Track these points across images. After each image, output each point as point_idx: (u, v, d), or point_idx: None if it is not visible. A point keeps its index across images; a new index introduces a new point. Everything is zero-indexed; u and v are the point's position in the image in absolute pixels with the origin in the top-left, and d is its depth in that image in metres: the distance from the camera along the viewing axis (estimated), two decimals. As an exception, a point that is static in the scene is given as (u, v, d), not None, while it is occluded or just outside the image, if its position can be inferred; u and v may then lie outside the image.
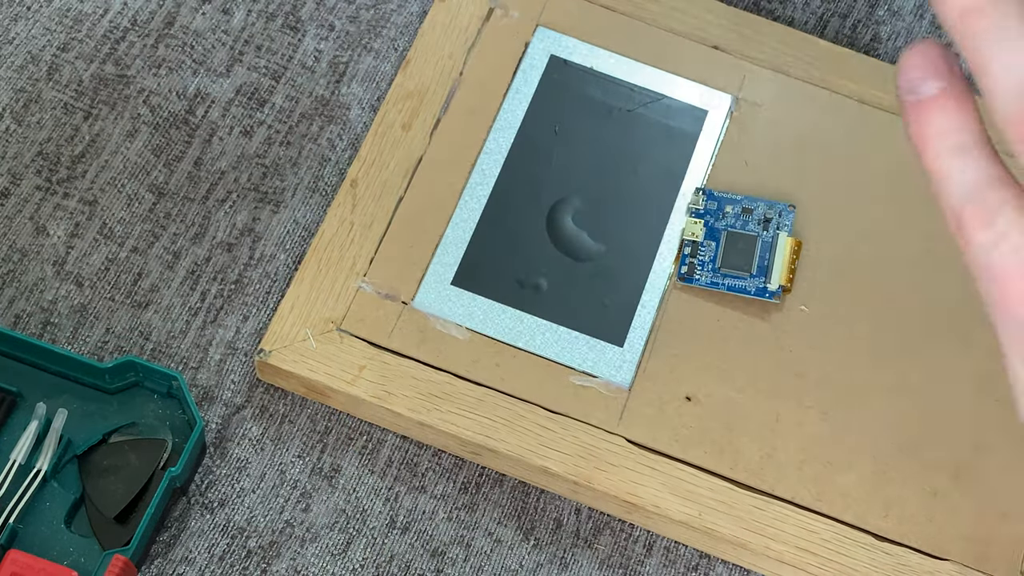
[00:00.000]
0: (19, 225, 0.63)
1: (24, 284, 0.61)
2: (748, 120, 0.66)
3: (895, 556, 0.58)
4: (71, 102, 0.65)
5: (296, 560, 0.57)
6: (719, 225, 0.63)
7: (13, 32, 0.67)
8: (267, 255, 0.63)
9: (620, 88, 0.66)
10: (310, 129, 0.66)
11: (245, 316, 0.62)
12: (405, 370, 0.59)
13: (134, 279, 0.62)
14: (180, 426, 0.58)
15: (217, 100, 0.66)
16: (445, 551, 0.58)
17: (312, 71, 0.67)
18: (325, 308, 0.60)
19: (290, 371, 0.59)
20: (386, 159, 0.64)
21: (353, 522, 0.58)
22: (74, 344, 0.60)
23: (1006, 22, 0.35)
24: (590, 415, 0.59)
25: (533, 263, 0.62)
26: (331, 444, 0.60)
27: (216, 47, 0.67)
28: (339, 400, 0.59)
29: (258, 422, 0.60)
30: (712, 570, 0.59)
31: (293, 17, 0.69)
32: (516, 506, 0.59)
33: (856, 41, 0.71)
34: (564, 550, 0.59)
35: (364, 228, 0.62)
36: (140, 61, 0.66)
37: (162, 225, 0.63)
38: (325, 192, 0.64)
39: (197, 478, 0.58)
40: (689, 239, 0.62)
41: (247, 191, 0.64)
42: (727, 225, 0.63)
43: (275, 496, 0.58)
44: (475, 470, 0.60)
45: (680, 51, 0.67)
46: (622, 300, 0.61)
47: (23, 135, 0.64)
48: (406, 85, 0.65)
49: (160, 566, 0.57)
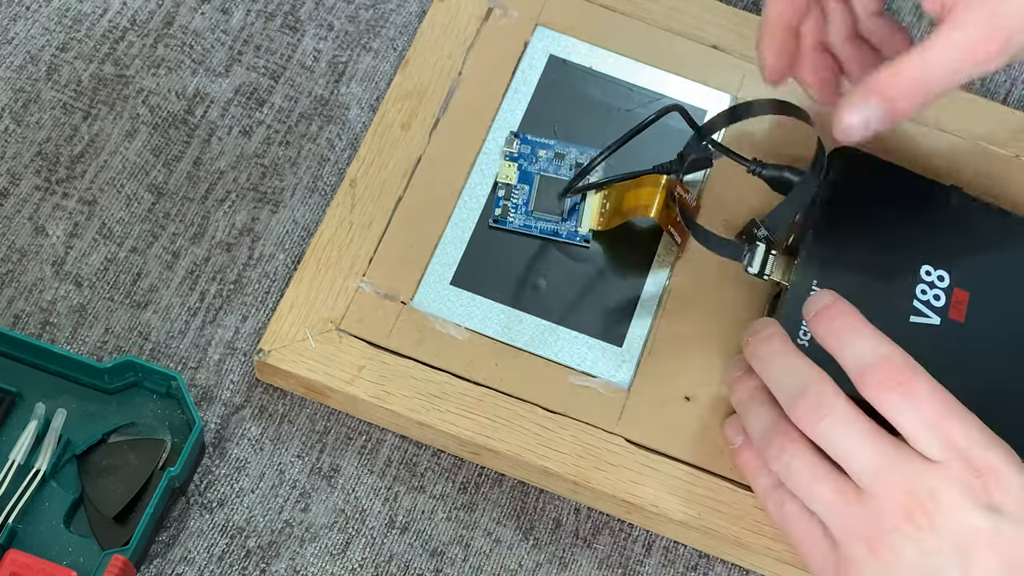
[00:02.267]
0: (18, 225, 0.63)
1: (23, 284, 0.61)
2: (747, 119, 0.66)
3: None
4: (70, 102, 0.65)
5: (295, 560, 0.57)
6: (532, 169, 0.63)
7: (12, 32, 0.67)
8: (266, 255, 0.63)
9: (619, 88, 0.66)
10: (309, 129, 0.66)
11: (244, 316, 0.62)
12: (404, 370, 0.59)
13: (133, 279, 0.62)
14: (179, 426, 0.58)
15: (216, 100, 0.66)
16: (444, 551, 0.58)
17: (311, 71, 0.67)
18: (324, 308, 0.60)
19: (289, 371, 0.59)
20: (385, 159, 0.64)
21: (352, 522, 0.58)
22: (73, 344, 0.60)
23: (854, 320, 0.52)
24: (589, 415, 0.59)
25: (532, 263, 0.62)
26: (330, 444, 0.60)
27: (215, 47, 0.67)
28: (338, 400, 0.59)
29: (257, 422, 0.60)
30: (711, 570, 0.59)
31: (292, 17, 0.69)
32: (515, 506, 0.59)
33: (855, 41, 0.71)
34: (563, 550, 0.59)
35: (363, 228, 0.62)
36: (139, 61, 0.66)
37: (161, 225, 0.63)
38: (324, 192, 0.64)
39: (196, 478, 0.58)
40: (503, 182, 0.63)
41: (246, 191, 0.64)
42: (540, 169, 0.63)
43: (274, 496, 0.58)
44: (474, 470, 0.60)
45: (679, 51, 0.67)
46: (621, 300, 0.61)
47: (22, 135, 0.64)
48: (405, 85, 0.65)
49: (159, 566, 0.57)
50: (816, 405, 0.51)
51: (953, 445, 0.49)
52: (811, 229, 0.58)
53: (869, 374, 0.50)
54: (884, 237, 0.58)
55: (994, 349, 0.56)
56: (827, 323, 0.53)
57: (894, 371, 0.50)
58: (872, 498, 0.50)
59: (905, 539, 0.49)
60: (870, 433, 0.50)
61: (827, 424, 0.51)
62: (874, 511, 0.50)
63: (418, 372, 0.59)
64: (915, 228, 0.58)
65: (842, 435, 0.51)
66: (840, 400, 0.51)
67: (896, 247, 0.58)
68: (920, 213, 0.58)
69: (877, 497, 0.50)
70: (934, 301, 0.56)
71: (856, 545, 0.50)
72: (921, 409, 0.50)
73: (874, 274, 0.57)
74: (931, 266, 0.57)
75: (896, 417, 0.50)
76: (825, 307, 0.53)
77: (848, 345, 0.52)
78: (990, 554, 0.48)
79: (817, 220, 0.58)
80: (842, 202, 0.58)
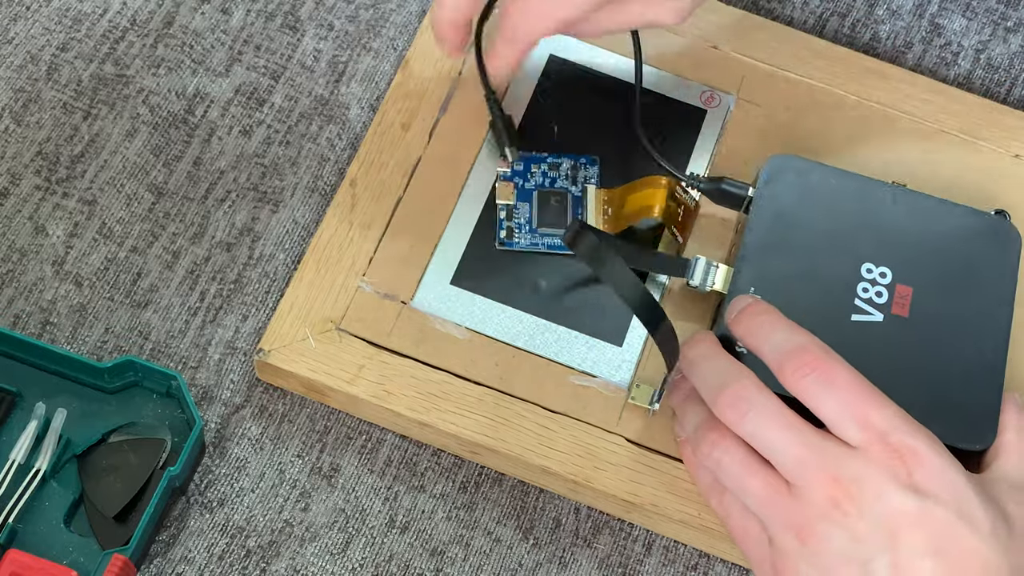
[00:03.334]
0: (18, 225, 0.63)
1: (23, 284, 0.61)
2: (747, 119, 0.66)
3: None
4: (70, 102, 0.65)
5: (295, 560, 0.57)
6: (529, 186, 0.63)
7: (12, 32, 0.67)
8: (266, 255, 0.63)
9: (619, 87, 0.66)
10: (309, 129, 0.66)
11: (244, 316, 0.62)
12: (404, 369, 0.59)
13: (133, 279, 0.62)
14: (179, 426, 0.58)
15: (216, 100, 0.66)
16: (444, 550, 0.58)
17: (311, 71, 0.67)
18: (324, 308, 0.60)
19: (289, 371, 0.59)
20: (385, 159, 0.64)
21: (352, 521, 0.58)
22: (73, 344, 0.60)
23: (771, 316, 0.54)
24: (589, 414, 0.59)
25: (532, 263, 0.62)
26: (330, 443, 0.60)
27: (215, 47, 0.67)
28: (338, 399, 0.59)
29: (257, 422, 0.60)
30: (711, 569, 0.59)
31: (292, 17, 0.69)
32: (515, 505, 0.59)
33: (855, 40, 0.71)
34: (563, 549, 0.59)
35: (363, 228, 0.62)
36: (139, 61, 0.67)
37: (161, 225, 0.63)
38: (324, 192, 0.65)
39: (196, 477, 0.58)
40: (503, 203, 0.63)
41: (246, 191, 0.64)
42: (536, 185, 0.63)
43: (274, 495, 0.58)
44: (474, 469, 0.60)
45: (680, 50, 0.67)
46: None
47: (22, 135, 0.64)
48: (405, 85, 0.65)
49: (159, 565, 0.57)
50: (738, 399, 0.52)
51: (873, 429, 0.50)
52: (747, 237, 0.59)
53: (786, 363, 0.52)
54: (822, 239, 0.59)
55: (940, 339, 0.57)
56: (746, 322, 0.54)
57: (810, 358, 0.51)
58: (799, 489, 0.50)
59: (833, 526, 0.50)
60: (793, 425, 0.51)
61: (751, 419, 0.51)
62: (802, 502, 0.50)
63: (418, 372, 0.59)
64: (854, 227, 0.59)
65: (766, 428, 0.51)
66: (762, 395, 0.52)
67: (835, 248, 0.58)
68: (859, 212, 0.59)
69: (804, 488, 0.50)
70: (876, 298, 0.57)
71: (787, 537, 0.51)
72: (839, 395, 0.51)
73: (813, 276, 0.58)
74: (872, 263, 0.58)
75: (816, 404, 0.51)
76: (744, 308, 0.55)
77: (766, 339, 0.53)
78: (917, 535, 0.49)
79: (753, 227, 0.59)
80: (778, 207, 0.59)
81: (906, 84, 0.68)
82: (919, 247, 0.59)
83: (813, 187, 0.60)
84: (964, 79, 0.71)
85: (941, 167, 0.65)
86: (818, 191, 0.60)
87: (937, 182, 0.64)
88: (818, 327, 0.53)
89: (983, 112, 0.67)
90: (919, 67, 0.71)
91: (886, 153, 0.66)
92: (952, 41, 0.71)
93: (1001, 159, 0.66)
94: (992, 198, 0.65)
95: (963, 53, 0.71)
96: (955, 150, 0.66)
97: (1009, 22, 0.72)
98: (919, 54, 0.71)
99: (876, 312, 0.57)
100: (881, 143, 0.66)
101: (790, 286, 0.57)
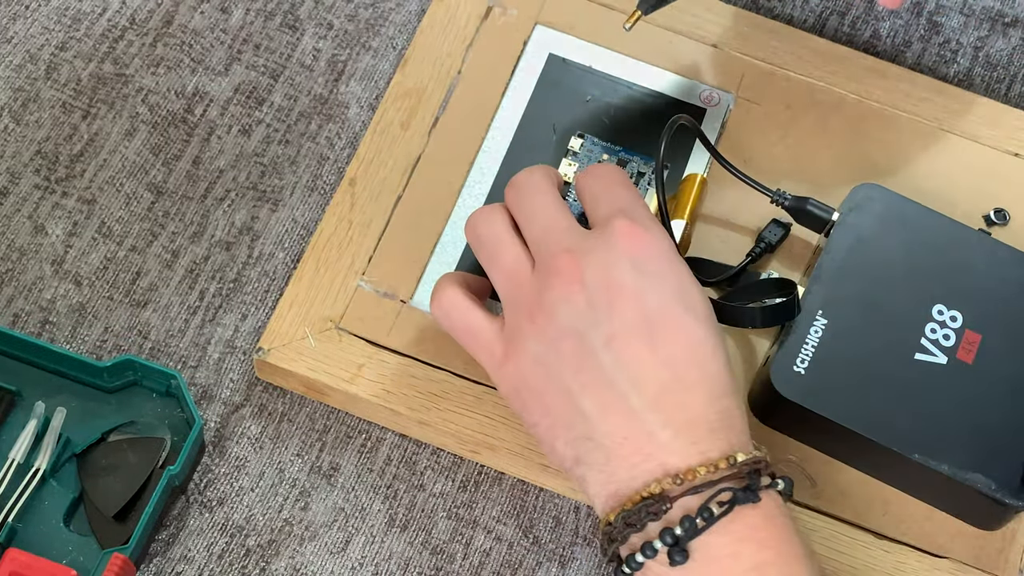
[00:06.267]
0: (18, 224, 0.63)
1: (23, 283, 0.61)
2: (747, 118, 0.66)
3: (893, 554, 0.58)
4: (69, 101, 0.65)
5: (295, 558, 0.57)
6: None
7: (12, 31, 0.67)
8: (266, 254, 0.63)
9: (619, 86, 0.66)
10: (308, 128, 0.66)
11: (244, 315, 0.62)
12: (404, 368, 0.59)
13: (133, 278, 0.62)
14: (179, 425, 0.58)
15: (216, 99, 0.66)
16: (444, 549, 0.58)
17: (311, 70, 0.67)
18: (324, 307, 0.60)
19: (289, 370, 0.59)
20: (385, 158, 0.64)
21: (352, 520, 0.58)
22: (73, 343, 0.60)
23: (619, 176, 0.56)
24: (589, 413, 0.59)
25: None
26: (330, 442, 0.60)
27: (215, 46, 0.67)
28: (338, 398, 0.59)
29: (257, 421, 0.60)
30: (711, 568, 0.59)
31: (291, 16, 0.69)
32: (515, 504, 0.59)
33: (855, 38, 0.71)
34: (563, 548, 0.59)
35: (363, 227, 0.62)
36: (139, 60, 0.67)
37: (161, 224, 0.63)
38: (324, 191, 0.65)
39: (196, 477, 0.58)
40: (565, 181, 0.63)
41: (246, 190, 0.64)
42: None
43: (274, 495, 0.58)
44: (474, 468, 0.60)
45: (679, 49, 0.67)
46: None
47: (21, 134, 0.64)
48: (405, 84, 0.65)
49: (159, 565, 0.57)
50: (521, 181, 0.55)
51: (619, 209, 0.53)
52: (823, 259, 0.59)
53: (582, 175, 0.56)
54: (898, 273, 0.59)
55: (1001, 391, 0.57)
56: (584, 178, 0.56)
57: (598, 167, 0.56)
58: (538, 267, 0.52)
59: (560, 301, 0.51)
60: (554, 203, 0.54)
61: (524, 192, 0.55)
62: (538, 282, 0.52)
63: (418, 371, 0.59)
64: (932, 267, 0.59)
65: (530, 198, 0.54)
66: (545, 179, 0.55)
67: (909, 284, 0.59)
68: (939, 252, 0.59)
69: (541, 263, 0.53)
70: (943, 340, 0.57)
71: (520, 318, 0.52)
72: (600, 180, 0.55)
73: (883, 308, 0.58)
74: (944, 306, 0.58)
75: (580, 188, 0.56)
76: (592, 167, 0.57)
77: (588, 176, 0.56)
78: (632, 308, 0.50)
79: (831, 250, 0.59)
80: (860, 235, 0.59)
81: (906, 83, 0.68)
82: (995, 297, 0.59)
83: (898, 220, 0.60)
84: (964, 76, 0.71)
85: (941, 166, 0.65)
86: (902, 225, 0.60)
87: (937, 181, 0.65)
88: (880, 358, 0.54)
89: (983, 111, 0.67)
90: (919, 65, 0.71)
91: (886, 152, 0.66)
92: (951, 39, 0.71)
93: (1001, 158, 0.66)
94: (992, 196, 0.65)
95: (962, 51, 0.71)
96: (955, 149, 0.66)
97: (1007, 18, 0.72)
98: (918, 52, 0.71)
99: (940, 354, 0.57)
100: (881, 140, 0.66)
101: (858, 313, 0.58)
